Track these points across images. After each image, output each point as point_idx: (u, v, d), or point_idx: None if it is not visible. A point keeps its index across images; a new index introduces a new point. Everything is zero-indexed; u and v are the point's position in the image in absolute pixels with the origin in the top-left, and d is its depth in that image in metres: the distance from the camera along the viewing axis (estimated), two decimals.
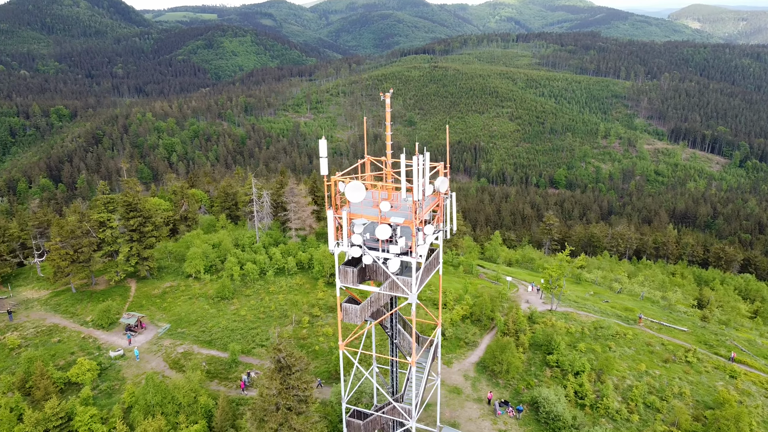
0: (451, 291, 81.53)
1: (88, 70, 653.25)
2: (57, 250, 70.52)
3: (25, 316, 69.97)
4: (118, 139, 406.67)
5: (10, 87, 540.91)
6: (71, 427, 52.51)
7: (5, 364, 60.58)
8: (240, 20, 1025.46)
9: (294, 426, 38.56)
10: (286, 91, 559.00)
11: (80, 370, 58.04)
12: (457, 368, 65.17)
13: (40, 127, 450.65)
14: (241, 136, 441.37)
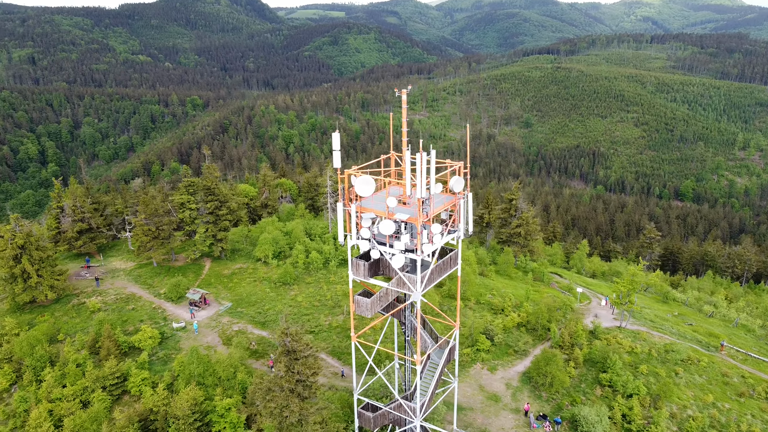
0: (513, 297, 79.22)
1: (223, 63, 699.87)
2: (141, 227, 77.09)
3: (110, 284, 77.21)
4: (242, 128, 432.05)
5: (154, 78, 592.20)
6: (125, 387, 57.46)
7: (84, 325, 67.25)
8: (366, 18, 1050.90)
9: (293, 408, 39.74)
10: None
11: (143, 336, 63.14)
12: (501, 376, 63.40)
13: (177, 115, 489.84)
14: (356, 131, 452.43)
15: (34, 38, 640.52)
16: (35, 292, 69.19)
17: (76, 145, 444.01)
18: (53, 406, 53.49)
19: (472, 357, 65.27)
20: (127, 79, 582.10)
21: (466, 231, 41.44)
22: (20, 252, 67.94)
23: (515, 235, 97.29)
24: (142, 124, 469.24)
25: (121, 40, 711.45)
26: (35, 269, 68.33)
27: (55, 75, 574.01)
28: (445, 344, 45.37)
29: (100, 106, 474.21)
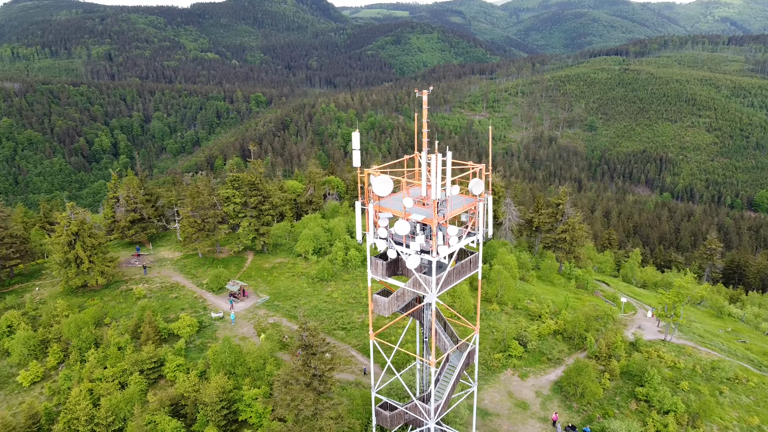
0: (552, 303, 77.50)
1: (288, 61, 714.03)
2: (187, 219, 79.91)
3: (156, 272, 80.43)
4: (303, 126, 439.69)
5: (221, 75, 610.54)
6: (162, 372, 59.80)
7: (129, 310, 70.32)
8: (430, 17, 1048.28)
9: (307, 402, 40.39)
10: (464, 88, 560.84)
11: (182, 324, 65.49)
12: (532, 383, 62.20)
13: (241, 111, 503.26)
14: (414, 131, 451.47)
15: (111, 36, 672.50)
16: (87, 277, 72.88)
17: (146, 138, 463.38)
18: (93, 385, 56.25)
19: (503, 362, 64.35)
20: (195, 75, 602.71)
21: (486, 234, 40.89)
22: (74, 238, 71.71)
23: (560, 241, 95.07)
24: (208, 119, 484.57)
25: (191, 38, 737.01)
26: (87, 255, 71.97)
27: (130, 71, 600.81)
28: (464, 347, 44.96)
29: (170, 101, 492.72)
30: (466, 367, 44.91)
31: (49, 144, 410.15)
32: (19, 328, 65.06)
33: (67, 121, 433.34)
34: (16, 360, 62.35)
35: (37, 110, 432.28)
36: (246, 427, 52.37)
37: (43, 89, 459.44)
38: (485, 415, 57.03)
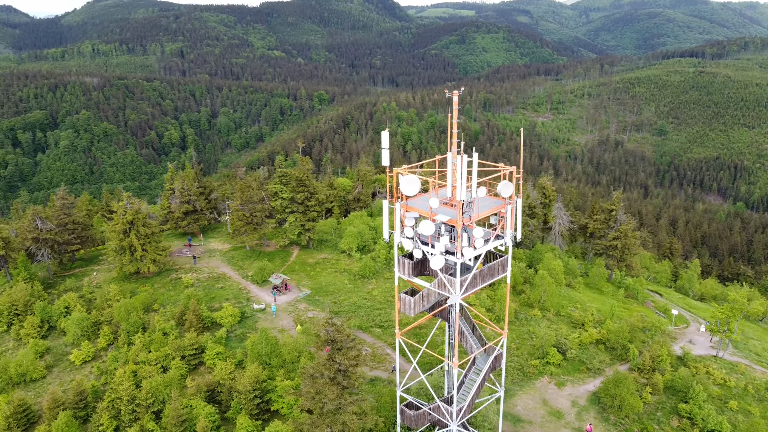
0: (597, 312, 75.36)
1: (352, 60, 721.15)
2: (236, 212, 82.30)
3: (205, 263, 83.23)
4: (363, 124, 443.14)
5: (286, 72, 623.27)
6: (202, 359, 61.93)
7: (176, 298, 73.11)
8: (496, 17, 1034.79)
9: (330, 396, 40.98)
10: (528, 89, 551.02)
11: (224, 314, 67.58)
12: (568, 392, 60.77)
13: (304, 108, 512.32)
14: (475, 131, 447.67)
15: (184, 33, 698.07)
16: (139, 264, 76.28)
17: (213, 133, 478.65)
18: (137, 368, 58.84)
19: (540, 369, 63.15)
20: (262, 73, 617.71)
21: (514, 238, 40.29)
22: (129, 227, 75.16)
23: (611, 248, 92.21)
24: (272, 115, 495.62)
25: (259, 36, 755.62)
26: (141, 243, 75.31)
27: (200, 67, 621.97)
28: (491, 350, 44.47)
29: (236, 97, 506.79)
30: (492, 371, 44.44)
31: (123, 136, 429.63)
32: (75, 309, 68.81)
33: (140, 114, 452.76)
34: (71, 340, 65.98)
35: (113, 104, 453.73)
36: (277, 417, 53.56)
37: (119, 84, 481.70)
38: (517, 421, 56.21)
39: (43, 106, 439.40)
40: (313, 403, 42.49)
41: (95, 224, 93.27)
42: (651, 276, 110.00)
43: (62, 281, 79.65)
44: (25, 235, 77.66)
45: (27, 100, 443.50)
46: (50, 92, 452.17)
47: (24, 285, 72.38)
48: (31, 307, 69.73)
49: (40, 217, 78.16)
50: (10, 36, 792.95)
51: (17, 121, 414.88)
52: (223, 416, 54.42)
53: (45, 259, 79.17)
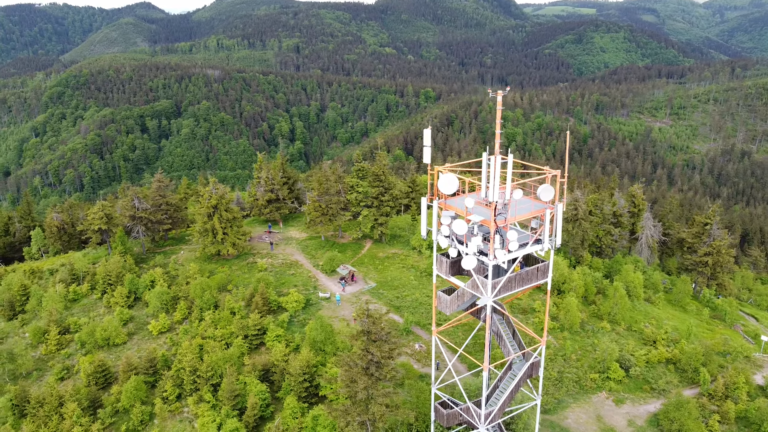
0: (673, 330, 70.85)
1: (462, 58, 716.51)
2: (313, 202, 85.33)
3: (281, 250, 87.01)
4: (467, 123, 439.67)
5: (395, 69, 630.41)
6: (263, 339, 65.09)
7: (249, 280, 77.07)
8: (619, 15, 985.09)
9: (361, 385, 41.97)
10: (646, 92, 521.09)
11: (290, 299, 70.52)
12: (626, 411, 57.86)
13: (410, 105, 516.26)
14: (584, 134, 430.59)
15: (301, 29, 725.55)
16: (220, 246, 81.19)
17: (320, 127, 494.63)
18: (204, 342, 62.95)
19: (598, 384, 60.60)
20: (371, 69, 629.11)
21: (554, 244, 39.15)
22: (213, 211, 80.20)
23: (701, 264, 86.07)
24: (378, 111, 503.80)
25: (372, 33, 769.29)
26: (222, 227, 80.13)
27: (313, 63, 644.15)
28: (529, 357, 43.49)
29: (345, 92, 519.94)
30: (528, 378, 43.43)
31: (237, 127, 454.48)
32: (158, 284, 74.57)
33: (254, 106, 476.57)
34: (151, 311, 71.67)
35: (231, 96, 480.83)
36: (324, 402, 55.34)
37: (238, 77, 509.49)
38: (555, 427, 54.41)
39: (170, 96, 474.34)
40: (348, 391, 43.71)
41: (189, 207, 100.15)
42: (752, 299, 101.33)
43: (153, 257, 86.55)
44: (124, 212, 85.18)
45: (156, 90, 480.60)
46: (176, 83, 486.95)
47: (118, 258, 79.50)
48: (122, 279, 76.42)
49: (138, 198, 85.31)
50: (147, 31, 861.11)
51: (146, 109, 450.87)
52: (275, 395, 57.03)
53: (140, 236, 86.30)
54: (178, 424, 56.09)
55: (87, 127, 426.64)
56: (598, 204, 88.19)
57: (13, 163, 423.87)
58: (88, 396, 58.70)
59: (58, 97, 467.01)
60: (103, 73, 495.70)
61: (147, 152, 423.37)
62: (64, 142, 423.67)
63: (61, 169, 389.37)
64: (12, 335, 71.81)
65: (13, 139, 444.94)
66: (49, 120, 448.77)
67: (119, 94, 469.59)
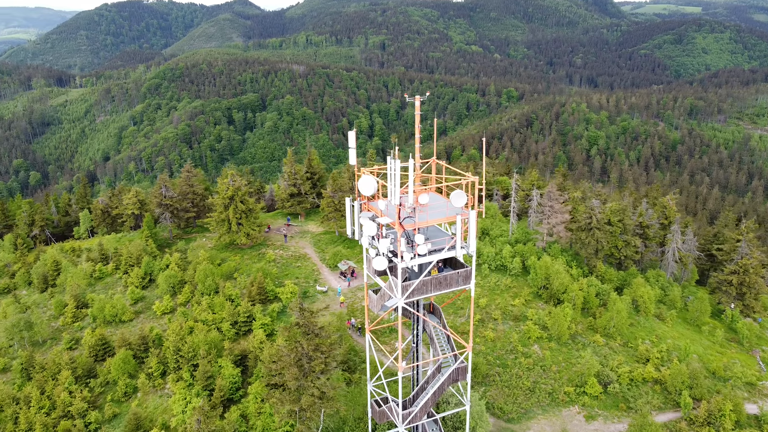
0: (672, 348, 67.37)
1: (551, 57, 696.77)
2: (327, 199, 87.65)
3: (295, 242, 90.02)
4: (548, 124, 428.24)
5: (480, 68, 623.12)
6: (252, 327, 68.19)
7: (252, 270, 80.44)
8: (726, 14, 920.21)
9: (288, 377, 43.69)
10: (748, 97, 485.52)
11: (285, 290, 73.31)
12: (595, 427, 56.04)
13: (491, 104, 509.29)
14: (674, 140, 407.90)
15: (387, 27, 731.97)
16: (234, 236, 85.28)
17: (399, 124, 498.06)
18: (195, 325, 66.84)
19: (572, 398, 59.01)
20: (455, 67, 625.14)
21: (464, 250, 39.10)
22: (229, 202, 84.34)
23: (725, 283, 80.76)
24: (458, 110, 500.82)
25: (459, 30, 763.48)
26: (236, 218, 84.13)
27: (398, 60, 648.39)
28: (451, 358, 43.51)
29: (425, 90, 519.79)
30: (452, 383, 43.41)
31: (318, 121, 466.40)
32: (171, 268, 79.57)
33: (336, 102, 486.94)
34: (160, 293, 76.69)
35: (314, 91, 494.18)
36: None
37: (322, 73, 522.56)
38: None
39: (256, 90, 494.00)
40: (278, 380, 45.58)
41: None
42: (760, 318, 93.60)
43: (177, 243, 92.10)
44: (152, 199, 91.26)
45: (244, 84, 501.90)
46: (263, 77, 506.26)
47: (140, 241, 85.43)
48: (140, 261, 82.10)
49: (165, 186, 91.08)
50: (242, 26, 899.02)
51: (234, 102, 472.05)
52: (246, 381, 59.79)
53: (167, 222, 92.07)
54: (158, 399, 60.20)
55: (179, 118, 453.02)
56: (618, 214, 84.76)
57: (112, 149, 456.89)
58: (85, 366, 64.05)
59: (155, 89, 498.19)
60: (197, 66, 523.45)
61: (232, 143, 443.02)
62: (158, 131, 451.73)
63: (153, 156, 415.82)
64: (41, 306, 79.18)
65: (114, 127, 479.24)
66: (146, 110, 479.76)
67: (210, 86, 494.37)
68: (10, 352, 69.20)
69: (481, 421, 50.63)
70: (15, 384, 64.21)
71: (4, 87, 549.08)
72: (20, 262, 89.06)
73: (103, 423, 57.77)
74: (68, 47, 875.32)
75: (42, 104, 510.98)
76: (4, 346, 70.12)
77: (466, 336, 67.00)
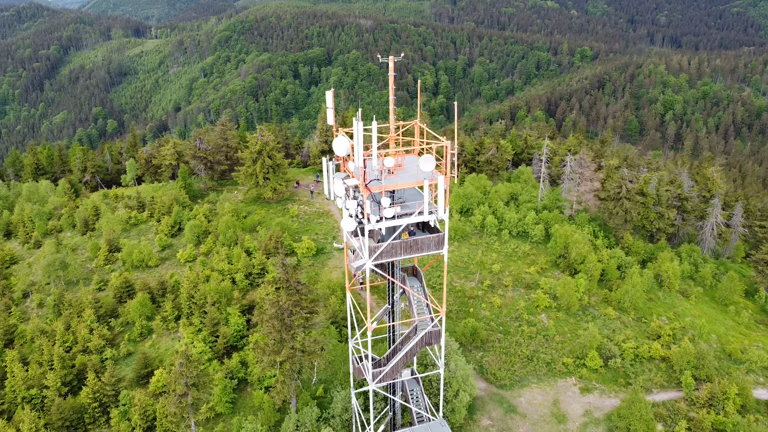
0: (688, 326, 64.79)
1: (632, 15, 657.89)
2: None
3: (321, 199, 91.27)
4: (621, 87, 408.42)
5: (554, 24, 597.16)
6: (264, 279, 70.40)
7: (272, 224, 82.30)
8: None
9: (266, 328, 45.24)
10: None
11: (302, 246, 74.95)
12: (589, 401, 55.13)
13: (562, 64, 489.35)
14: (759, 108, 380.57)
15: None
16: (261, 190, 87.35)
17: (465, 82, 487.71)
18: (211, 274, 69.64)
19: (570, 369, 58.17)
20: (528, 24, 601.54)
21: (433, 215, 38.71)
22: (257, 156, 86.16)
23: (762, 262, 76.16)
24: (527, 69, 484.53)
25: None
26: (263, 172, 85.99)
27: (468, 15, 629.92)
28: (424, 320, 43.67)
29: (495, 48, 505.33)
30: (426, 345, 43.65)
31: (382, 77, 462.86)
32: (198, 218, 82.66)
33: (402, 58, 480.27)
34: (185, 241, 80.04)
35: (380, 46, 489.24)
36: None
37: (389, 27, 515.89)
38: (510, 410, 53.81)
39: (323, 44, 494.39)
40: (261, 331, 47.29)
41: None
42: None
43: (209, 194, 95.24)
44: (187, 151, 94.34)
45: (311, 38, 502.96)
46: (330, 32, 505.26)
47: (172, 191, 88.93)
48: (171, 210, 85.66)
49: (200, 138, 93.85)
50: None
51: (300, 56, 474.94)
52: (252, 330, 62.16)
53: (201, 174, 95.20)
54: (169, 341, 63.68)
55: (246, 70, 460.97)
56: (652, 183, 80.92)
57: (183, 100, 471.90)
58: (109, 306, 68.31)
59: (225, 41, 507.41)
60: (266, 19, 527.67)
61: (297, 97, 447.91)
62: (226, 83, 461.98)
63: (221, 108, 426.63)
64: (80, 248, 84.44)
65: (185, 78, 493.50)
66: (216, 62, 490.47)
67: (278, 40, 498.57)
68: (47, 289, 74.56)
69: (465, 385, 50.88)
70: (48, 319, 69.42)
71: (86, 37, 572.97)
72: (67, 206, 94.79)
73: (118, 360, 61.85)
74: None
75: (120, 54, 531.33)
76: (42, 283, 75.61)
77: (474, 300, 66.89)
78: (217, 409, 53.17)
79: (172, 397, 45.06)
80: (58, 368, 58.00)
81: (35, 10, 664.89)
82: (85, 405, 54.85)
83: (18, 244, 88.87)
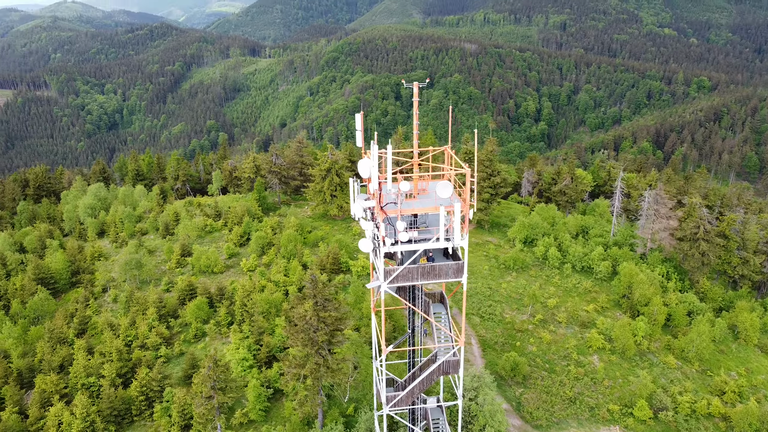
0: (756, 384, 58.76)
1: (760, 44, 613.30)
2: None
3: None
4: (740, 120, 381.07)
5: (671, 53, 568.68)
6: None
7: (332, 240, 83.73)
8: None
9: (295, 341, 46.16)
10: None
11: (357, 264, 75.87)
12: None
13: (676, 94, 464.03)
14: None
15: (571, 6, 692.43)
16: (328, 207, 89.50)
17: (570, 110, 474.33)
18: (267, 284, 71.99)
19: (615, 417, 54.53)
20: (642, 51, 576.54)
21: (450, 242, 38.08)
22: (326, 174, 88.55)
23: None
24: (637, 98, 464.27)
25: (653, 11, 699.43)
26: (330, 190, 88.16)
27: (577, 41, 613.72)
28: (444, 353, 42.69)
29: (603, 75, 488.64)
30: (444, 374, 42.61)
31: (483, 102, 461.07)
32: (265, 230, 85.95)
33: (504, 83, 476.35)
34: (250, 251, 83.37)
35: (483, 70, 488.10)
36: None
37: (494, 52, 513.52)
38: None
39: (426, 67, 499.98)
40: (290, 343, 48.25)
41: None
42: None
43: (281, 207, 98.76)
44: (264, 166, 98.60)
45: (415, 60, 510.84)
46: (434, 55, 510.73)
47: (245, 203, 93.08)
48: (242, 221, 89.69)
49: (276, 154, 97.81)
50: (423, 3, 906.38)
51: (403, 78, 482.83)
52: None
53: (275, 188, 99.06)
54: (220, 345, 66.45)
55: (350, 90, 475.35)
56: (735, 226, 74.69)
57: (289, 116, 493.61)
58: (172, 307, 72.46)
59: (332, 62, 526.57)
60: (372, 41, 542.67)
61: (396, 118, 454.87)
62: (330, 102, 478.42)
63: (323, 126, 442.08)
64: (159, 250, 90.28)
65: (293, 96, 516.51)
66: (323, 82, 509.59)
67: (382, 62, 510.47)
68: (123, 286, 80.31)
69: (492, 420, 49.12)
70: (118, 314, 74.70)
71: (207, 55, 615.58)
72: (155, 210, 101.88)
73: (171, 358, 65.32)
74: (264, 20, 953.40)
75: (235, 72, 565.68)
76: (120, 280, 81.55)
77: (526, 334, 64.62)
78: (250, 415, 54.70)
79: (199, 398, 46.96)
80: (116, 360, 62.14)
81: (166, 29, 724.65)
82: (134, 397, 58.30)
83: (108, 242, 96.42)
